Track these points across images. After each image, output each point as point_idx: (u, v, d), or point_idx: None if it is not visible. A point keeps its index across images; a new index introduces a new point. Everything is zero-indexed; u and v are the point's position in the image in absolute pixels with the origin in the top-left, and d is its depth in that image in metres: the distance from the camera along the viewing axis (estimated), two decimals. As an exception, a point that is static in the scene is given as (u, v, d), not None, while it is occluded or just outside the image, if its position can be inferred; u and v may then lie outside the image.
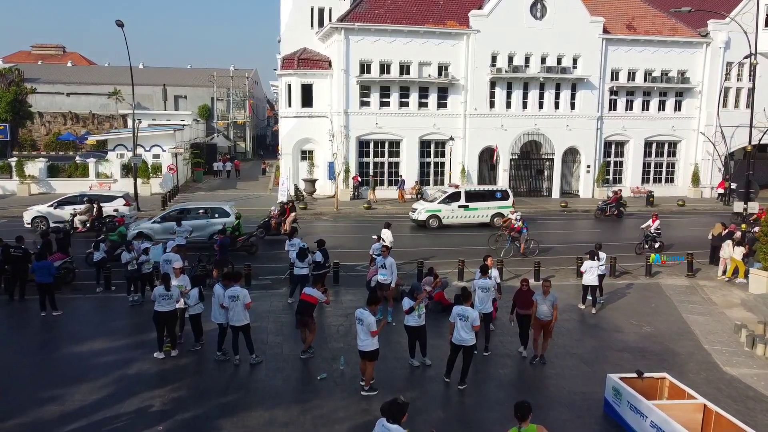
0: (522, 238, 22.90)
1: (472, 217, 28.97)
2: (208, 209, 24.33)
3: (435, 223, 28.58)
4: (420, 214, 28.70)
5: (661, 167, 44.12)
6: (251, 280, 17.98)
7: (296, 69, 38.99)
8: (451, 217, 28.67)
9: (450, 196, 29.11)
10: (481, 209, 28.93)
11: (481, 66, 38.82)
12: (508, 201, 29.33)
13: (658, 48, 41.58)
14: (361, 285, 17.32)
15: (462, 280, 18.75)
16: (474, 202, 28.94)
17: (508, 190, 30.52)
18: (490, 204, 29.13)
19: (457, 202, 28.83)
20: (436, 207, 28.89)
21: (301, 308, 12.08)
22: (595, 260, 16.51)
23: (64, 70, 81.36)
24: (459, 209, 28.73)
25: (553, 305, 12.03)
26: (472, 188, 30.43)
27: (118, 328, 13.88)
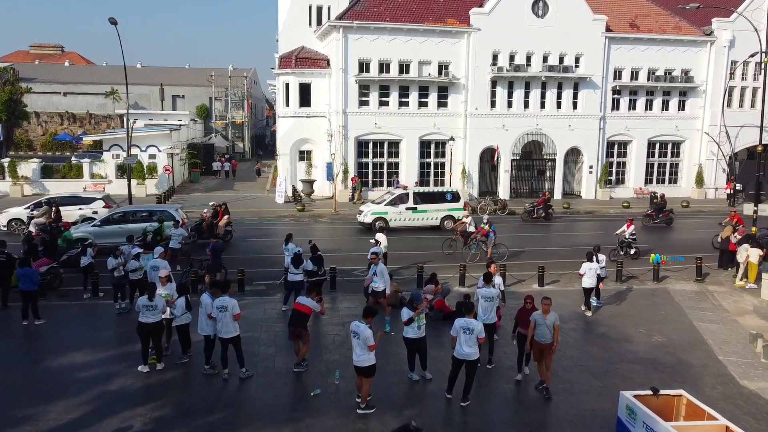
0: (489, 242, 21.87)
1: (421, 220, 27.76)
2: (152, 212, 23.11)
3: (382, 225, 26.85)
4: (366, 217, 27.46)
5: (665, 168, 43.46)
6: (245, 285, 17.32)
7: (294, 68, 38.31)
8: (398, 219, 27.45)
9: (397, 198, 27.81)
10: (430, 211, 27.67)
11: (482, 65, 38.16)
12: (459, 203, 28.10)
13: (661, 47, 40.92)
14: (359, 291, 16.67)
15: (464, 286, 18.08)
16: (423, 204, 27.64)
17: (460, 192, 29.33)
18: (440, 206, 27.81)
19: (404, 204, 27.53)
20: (382, 209, 27.54)
21: (294, 319, 11.42)
22: (594, 262, 15.95)
23: (60, 69, 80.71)
24: (407, 211, 27.49)
25: (553, 326, 10.85)
26: (420, 189, 29.18)
27: (102, 339, 13.20)
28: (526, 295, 11.82)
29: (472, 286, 18.02)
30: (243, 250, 23.06)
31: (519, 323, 11.49)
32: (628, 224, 22.59)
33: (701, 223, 31.79)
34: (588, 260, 16.18)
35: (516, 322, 11.63)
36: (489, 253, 21.60)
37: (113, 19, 29.61)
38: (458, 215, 27.02)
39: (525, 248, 23.81)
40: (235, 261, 20.95)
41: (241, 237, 25.89)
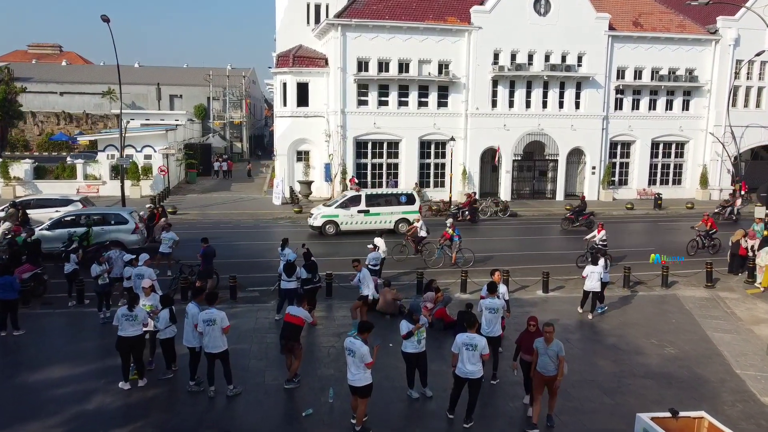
0: (453, 246, 20.91)
1: (374, 223, 26.53)
2: (106, 216, 21.92)
3: (332, 229, 26.26)
4: (315, 220, 26.43)
5: (668, 168, 42.72)
6: (237, 292, 16.61)
7: (291, 67, 37.60)
8: (349, 222, 26.32)
9: (348, 200, 26.72)
10: (383, 214, 26.54)
11: (483, 64, 37.45)
12: (414, 205, 27.01)
13: (665, 45, 40.20)
14: (355, 298, 15.93)
15: (465, 292, 17.37)
16: (376, 207, 26.54)
17: (415, 194, 28.10)
18: (394, 209, 26.69)
19: (356, 207, 26.40)
20: (332, 212, 26.53)
21: (286, 331, 10.71)
22: (597, 265, 15.32)
23: (57, 69, 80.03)
24: (359, 214, 26.36)
25: (558, 357, 9.40)
26: (373, 191, 28.01)
27: (83, 351, 12.48)
28: (529, 317, 10.54)
29: (475, 292, 17.34)
30: (237, 254, 22.33)
31: (522, 348, 10.19)
32: (598, 229, 21.31)
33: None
34: (592, 263, 15.54)
35: (518, 346, 10.39)
36: (453, 259, 20.71)
37: (105, 16, 28.98)
38: (413, 218, 26.10)
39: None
40: (228, 266, 20.19)
41: (236, 240, 25.17)
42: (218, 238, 25.21)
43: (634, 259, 21.56)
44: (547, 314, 15.54)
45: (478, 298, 16.79)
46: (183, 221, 29.99)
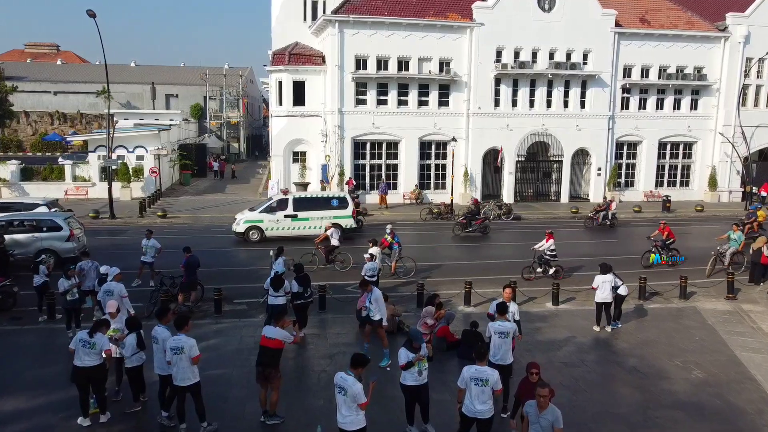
0: (393, 255, 19.38)
1: (303, 229, 24.92)
2: (39, 221, 20.19)
3: (256, 235, 24.52)
4: (238, 225, 24.76)
5: (676, 170, 41.47)
6: (222, 306, 15.35)
7: (287, 64, 36.34)
8: (275, 228, 24.66)
9: (275, 204, 25.06)
10: (313, 219, 24.83)
11: (485, 62, 36.20)
12: (346, 209, 25.34)
13: (673, 43, 38.96)
14: (352, 311, 14.71)
15: (469, 305, 16.11)
16: (304, 211, 24.92)
17: (347, 197, 26.15)
18: (325, 213, 25.00)
19: (283, 211, 24.78)
20: (257, 217, 24.79)
21: (262, 357, 9.43)
22: (609, 274, 14.09)
23: (51, 68, 78.88)
24: (285, 219, 24.73)
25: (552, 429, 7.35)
26: (302, 194, 26.34)
27: (46, 377, 11.18)
28: (530, 363, 8.53)
29: (479, 305, 16.12)
30: (225, 261, 21.08)
31: (521, 400, 8.38)
32: (547, 237, 19.60)
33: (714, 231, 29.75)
34: (602, 272, 14.30)
35: (517, 399, 8.74)
36: (393, 268, 19.20)
37: (91, 11, 27.86)
38: (346, 223, 24.81)
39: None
40: (216, 275, 19.00)
41: (226, 246, 23.90)
42: (207, 244, 24.09)
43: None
44: (559, 330, 14.31)
45: (482, 312, 15.69)
46: (172, 225, 28.74)
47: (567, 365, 12.13)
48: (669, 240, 21.50)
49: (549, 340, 13.52)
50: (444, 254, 23.36)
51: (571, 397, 10.68)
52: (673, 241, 21.65)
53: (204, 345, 12.96)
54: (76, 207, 32.72)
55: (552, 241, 19.38)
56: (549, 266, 19.46)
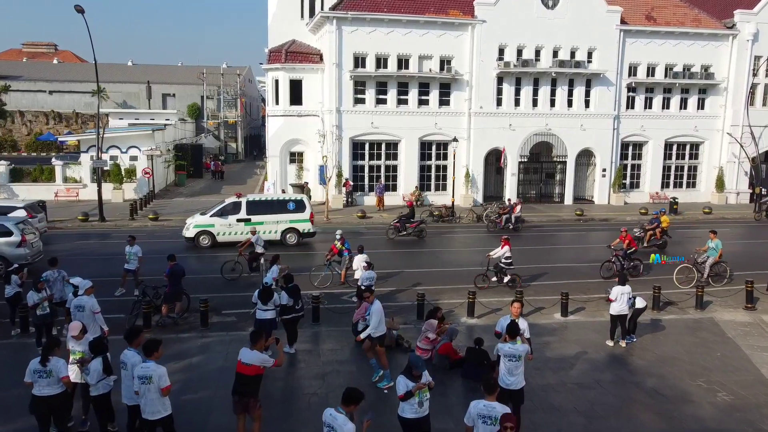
0: (343, 262, 18.13)
1: None
2: None
3: (206, 240, 23.31)
4: (188, 230, 23.54)
5: (682, 171, 40.50)
6: (209, 318, 14.37)
7: (284, 63, 35.35)
8: (227, 233, 23.30)
9: (227, 208, 23.75)
10: (268, 223, 23.57)
11: (488, 60, 35.22)
12: (303, 213, 24.10)
13: (679, 40, 37.98)
14: (348, 324, 13.72)
15: (473, 316, 15.13)
16: (258, 215, 23.62)
17: (305, 200, 24.75)
18: (281, 217, 23.89)
19: (235, 215, 23.51)
20: (207, 221, 23.48)
21: (238, 385, 8.44)
22: (627, 286, 13.14)
23: (46, 67, 78.01)
24: (238, 224, 23.36)
25: None
26: (256, 197, 24.79)
27: (8, 402, 10.16)
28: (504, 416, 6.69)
29: (483, 316, 15.15)
30: (214, 268, 20.05)
31: None
32: (503, 243, 18.19)
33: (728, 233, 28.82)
34: (620, 283, 13.36)
35: None
36: (342, 277, 18.02)
37: (79, 7, 26.91)
38: (304, 227, 23.74)
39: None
40: (205, 283, 18.04)
41: (217, 252, 22.86)
42: (197, 249, 23.07)
43: (661, 273, 19.26)
44: (570, 345, 13.33)
45: (487, 324, 14.71)
46: (164, 228, 27.76)
47: (580, 386, 11.15)
48: (630, 249, 19.59)
49: (560, 357, 12.55)
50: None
51: (587, 426, 9.71)
52: (634, 250, 19.78)
53: (186, 363, 12.03)
54: (65, 209, 31.89)
55: (507, 248, 17.95)
56: (504, 274, 18.14)
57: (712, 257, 18.73)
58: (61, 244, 23.98)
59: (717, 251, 18.73)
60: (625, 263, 19.28)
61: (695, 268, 18.77)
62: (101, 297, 16.27)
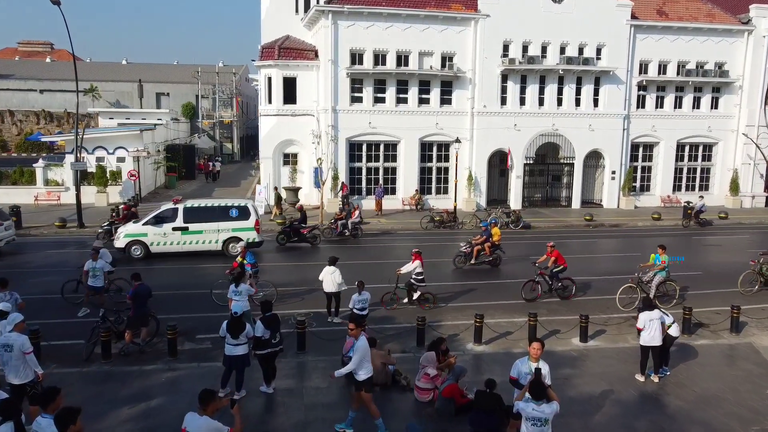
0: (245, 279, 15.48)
1: (195, 243, 21.66)
2: None
3: (139, 251, 21.22)
4: (119, 240, 21.51)
5: (695, 173, 38.71)
6: (178, 345, 12.56)
7: (277, 59, 33.56)
8: (162, 243, 21.30)
9: (161, 215, 21.60)
10: (208, 232, 21.64)
11: (491, 56, 33.42)
12: (248, 221, 21.93)
13: (692, 36, 36.18)
14: (338, 353, 11.93)
15: (480, 342, 13.33)
16: (198, 223, 21.59)
17: (249, 207, 22.46)
18: (222, 225, 21.78)
19: (171, 223, 21.42)
20: (139, 230, 21.44)
21: None
22: (655, 311, 11.35)
23: (38, 65, 76.34)
24: (174, 233, 21.41)
25: None
26: (194, 204, 22.49)
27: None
28: None
29: (492, 341, 13.36)
30: (193, 282, 18.25)
31: None
32: (414, 257, 16.00)
33: (747, 240, 27.03)
34: (646, 308, 11.57)
35: None
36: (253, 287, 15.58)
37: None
38: (247, 236, 21.66)
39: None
40: (181, 299, 16.23)
41: (198, 262, 21.05)
42: (176, 259, 21.22)
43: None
44: (594, 381, 11.52)
45: (496, 351, 12.90)
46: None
47: (612, 438, 9.35)
48: (558, 267, 16.87)
49: (583, 397, 10.75)
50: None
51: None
52: (563, 268, 16.97)
53: (144, 408, 10.20)
54: (45, 214, 30.13)
55: (418, 263, 15.81)
56: (414, 290, 15.98)
57: (660, 275, 16.31)
58: (31, 253, 22.22)
59: (666, 268, 16.34)
60: (552, 283, 16.98)
61: (640, 287, 16.26)
62: (63, 318, 14.78)
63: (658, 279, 16.33)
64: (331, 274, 14.35)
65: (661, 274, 16.35)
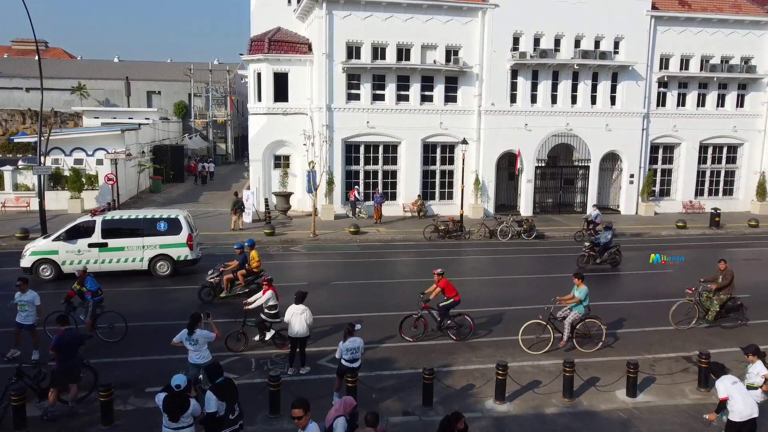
0: (87, 308, 13.17)
1: (116, 262, 18.63)
2: None
3: (48, 271, 18.32)
4: (24, 258, 18.54)
5: (718, 176, 35.93)
6: (112, 410, 9.80)
7: (267, 53, 30.80)
8: (77, 261, 18.09)
9: (75, 229, 18.55)
10: (130, 249, 18.61)
11: (500, 50, 30.67)
12: (179, 235, 18.90)
13: (717, 29, 33.43)
14: (322, 414, 9.12)
15: (503, 401, 10.56)
16: (118, 238, 18.57)
17: (181, 219, 19.20)
18: (148, 240, 18.71)
19: (87, 238, 18.36)
20: (49, 246, 18.45)
21: None
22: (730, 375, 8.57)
23: (25, 63, 73.73)
24: (91, 249, 18.35)
25: None
26: (115, 216, 19.13)
27: None
28: None
29: (516, 398, 10.62)
30: (162, 310, 15.49)
31: None
32: (264, 288, 13.07)
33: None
34: (719, 372, 8.73)
35: None
36: (89, 327, 12.96)
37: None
38: (179, 254, 18.82)
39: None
40: (137, 334, 13.45)
41: (162, 285, 18.28)
42: (142, 279, 18.41)
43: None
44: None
45: (523, 413, 10.12)
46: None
47: None
48: (446, 300, 13.58)
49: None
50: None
51: None
52: (453, 302, 13.56)
53: None
54: (10, 223, 27.40)
55: (271, 293, 12.80)
56: (266, 330, 13.01)
57: (577, 311, 13.14)
58: (-21, 271, 19.44)
59: (584, 304, 13.13)
60: (442, 321, 13.61)
61: (550, 325, 13.13)
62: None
63: (573, 316, 13.12)
64: (301, 315, 11.50)
65: (577, 309, 13.13)
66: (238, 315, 13.41)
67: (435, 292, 13.69)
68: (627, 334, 14.31)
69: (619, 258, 21.48)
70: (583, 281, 13.31)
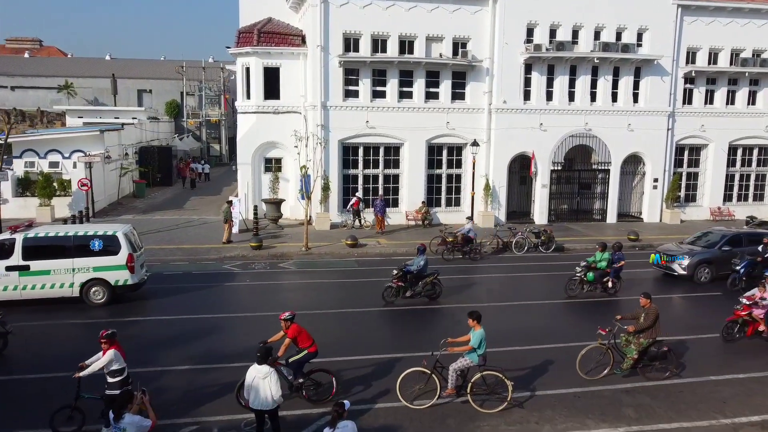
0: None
1: (40, 288, 15.85)
2: None
3: None
4: None
5: (748, 181, 33.12)
6: None
7: (256, 46, 27.97)
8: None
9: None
10: (58, 273, 15.87)
11: (513, 42, 27.84)
12: (117, 256, 16.11)
13: (749, 19, 30.64)
14: None
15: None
16: (42, 260, 15.81)
17: (120, 236, 16.30)
18: (79, 262, 15.99)
19: (5, 260, 15.61)
20: None
21: None
22: None
23: (12, 61, 71.42)
24: (10, 273, 15.58)
25: None
26: (39, 233, 16.28)
27: None
28: None
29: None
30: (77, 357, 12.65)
31: None
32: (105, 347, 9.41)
33: None
34: None
35: None
36: None
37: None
38: (116, 278, 16.03)
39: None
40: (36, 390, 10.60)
41: (89, 319, 15.41)
42: (67, 311, 15.45)
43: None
44: None
45: None
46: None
47: None
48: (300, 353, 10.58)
49: None
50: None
51: None
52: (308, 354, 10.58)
53: None
54: (-32, 234, 24.62)
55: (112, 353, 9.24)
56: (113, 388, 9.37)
57: (469, 359, 10.56)
58: None
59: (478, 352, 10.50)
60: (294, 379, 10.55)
61: (435, 373, 10.56)
62: None
63: (462, 364, 10.56)
64: (264, 379, 8.58)
65: (470, 357, 10.54)
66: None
67: (285, 345, 10.39)
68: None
69: (438, 289, 16.90)
70: (479, 322, 10.48)
